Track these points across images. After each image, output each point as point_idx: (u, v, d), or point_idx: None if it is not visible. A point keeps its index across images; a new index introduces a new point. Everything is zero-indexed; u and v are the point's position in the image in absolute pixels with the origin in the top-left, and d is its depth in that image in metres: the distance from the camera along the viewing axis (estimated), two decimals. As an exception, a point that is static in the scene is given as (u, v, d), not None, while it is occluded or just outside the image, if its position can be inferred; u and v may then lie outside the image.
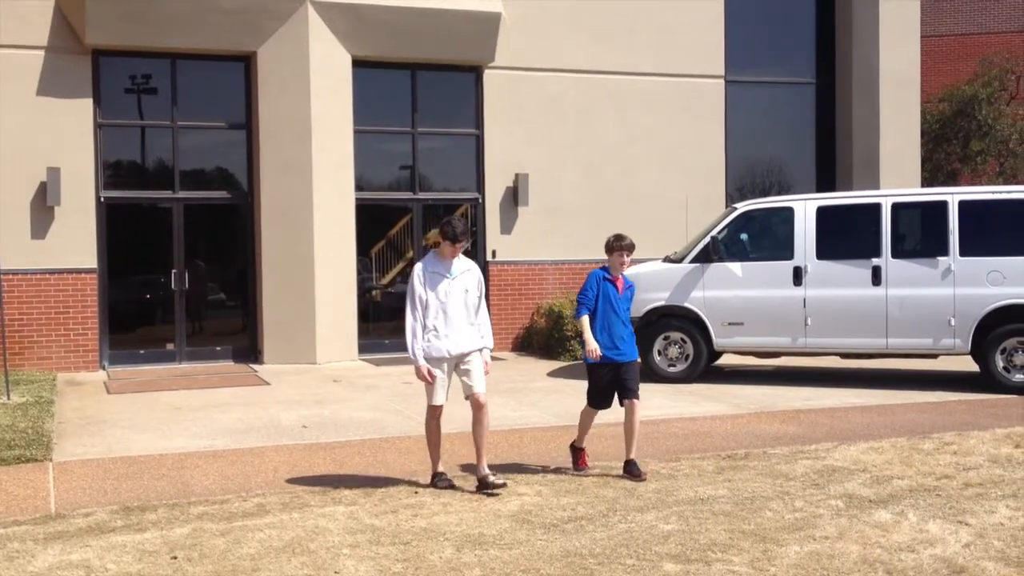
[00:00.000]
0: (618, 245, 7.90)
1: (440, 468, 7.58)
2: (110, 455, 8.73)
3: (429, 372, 7.28)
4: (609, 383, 7.81)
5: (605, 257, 7.84)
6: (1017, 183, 21.41)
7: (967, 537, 5.96)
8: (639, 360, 7.91)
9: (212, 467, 8.23)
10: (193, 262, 15.28)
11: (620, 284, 7.91)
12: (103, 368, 14.63)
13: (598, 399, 7.93)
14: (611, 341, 7.77)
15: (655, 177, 17.25)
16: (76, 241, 14.38)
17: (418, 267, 7.40)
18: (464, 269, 7.47)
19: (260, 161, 15.01)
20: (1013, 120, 23.01)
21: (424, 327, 7.30)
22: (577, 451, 8.04)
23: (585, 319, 7.82)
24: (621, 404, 7.83)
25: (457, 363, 7.39)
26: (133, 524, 6.49)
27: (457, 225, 7.36)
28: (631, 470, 7.71)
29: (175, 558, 5.77)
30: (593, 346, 7.71)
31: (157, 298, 15.27)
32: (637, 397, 7.80)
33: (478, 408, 7.42)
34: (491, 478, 7.27)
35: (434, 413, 7.50)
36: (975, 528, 6.14)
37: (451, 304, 7.30)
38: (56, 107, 14.23)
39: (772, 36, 18.56)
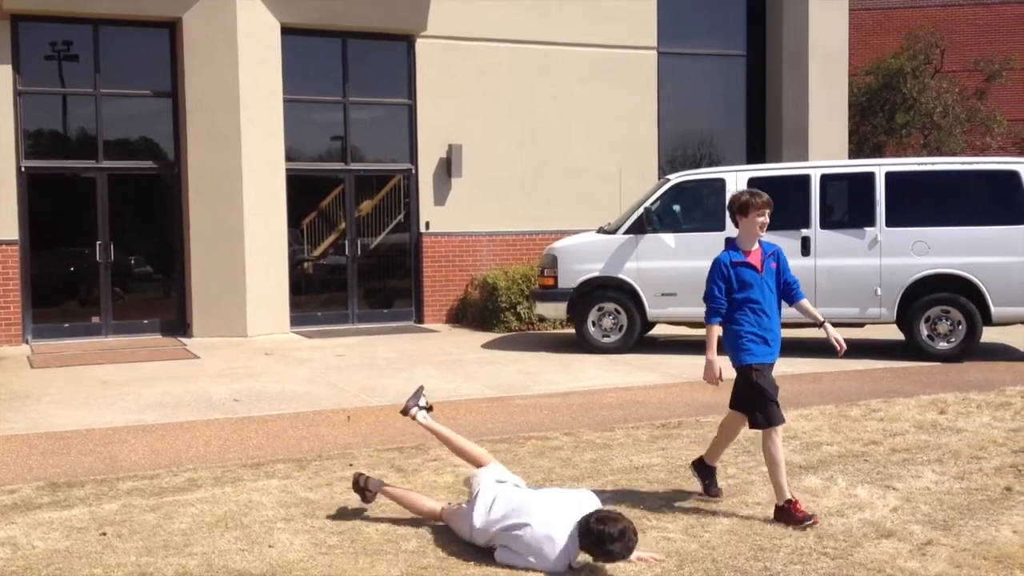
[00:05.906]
0: (757, 202, 5.79)
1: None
2: (35, 431, 8.52)
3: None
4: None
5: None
6: (941, 155, 21.87)
7: (894, 501, 6.09)
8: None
9: (141, 442, 8.07)
10: (119, 233, 14.93)
11: (758, 258, 5.83)
12: (26, 342, 14.27)
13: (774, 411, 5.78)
14: (763, 339, 5.86)
15: (589, 148, 17.26)
16: (-4, 212, 13.97)
17: None
18: None
19: (187, 131, 14.68)
20: (937, 93, 23.41)
21: None
22: (708, 470, 6.30)
23: (716, 329, 5.86)
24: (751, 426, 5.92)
25: None
26: (60, 500, 6.35)
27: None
28: (783, 517, 5.63)
29: (104, 534, 5.65)
30: (713, 372, 5.85)
31: (82, 270, 14.91)
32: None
33: None
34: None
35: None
36: (902, 492, 6.28)
37: None
38: (-27, 73, 13.78)
39: (704, 8, 18.64)
